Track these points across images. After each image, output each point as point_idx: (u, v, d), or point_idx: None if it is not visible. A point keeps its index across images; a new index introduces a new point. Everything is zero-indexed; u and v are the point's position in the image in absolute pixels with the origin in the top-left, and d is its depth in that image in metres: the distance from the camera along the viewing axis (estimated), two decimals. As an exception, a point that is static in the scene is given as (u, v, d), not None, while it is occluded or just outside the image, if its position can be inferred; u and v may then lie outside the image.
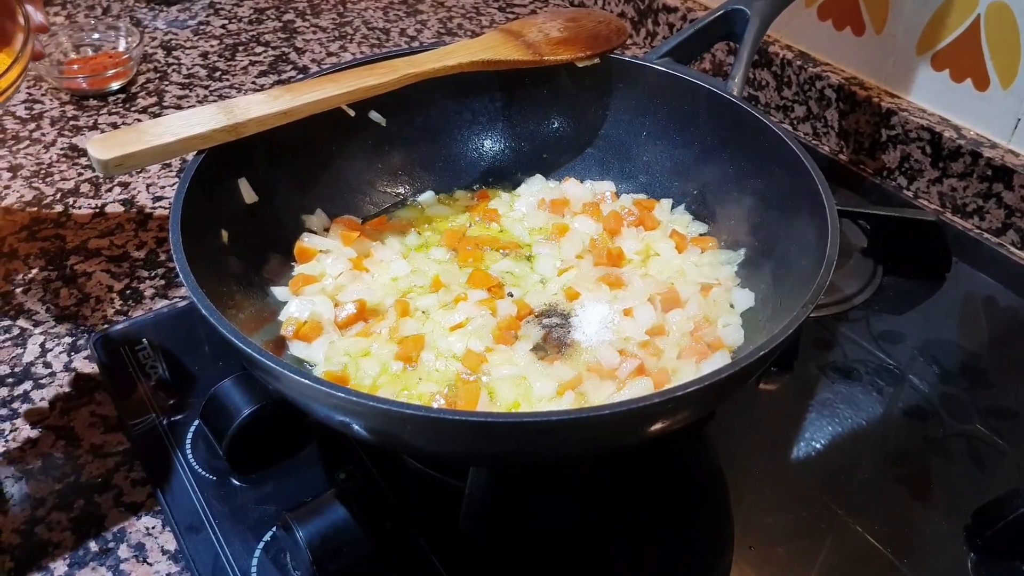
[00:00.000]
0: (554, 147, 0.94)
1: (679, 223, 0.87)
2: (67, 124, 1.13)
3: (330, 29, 1.40)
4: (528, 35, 0.88)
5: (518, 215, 0.89)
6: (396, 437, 0.58)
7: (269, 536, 0.64)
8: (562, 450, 0.58)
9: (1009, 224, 0.97)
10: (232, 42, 1.34)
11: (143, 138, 0.68)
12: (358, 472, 0.68)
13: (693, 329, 0.74)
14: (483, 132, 0.94)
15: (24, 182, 1.02)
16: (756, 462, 0.73)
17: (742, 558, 0.65)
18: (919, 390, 0.79)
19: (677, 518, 0.68)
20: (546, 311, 0.77)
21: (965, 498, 0.69)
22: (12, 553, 0.64)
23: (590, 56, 0.87)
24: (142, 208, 0.99)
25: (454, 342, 0.73)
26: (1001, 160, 0.96)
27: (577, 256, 0.83)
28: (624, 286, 0.79)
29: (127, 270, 0.90)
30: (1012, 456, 0.73)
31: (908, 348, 0.84)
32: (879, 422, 0.76)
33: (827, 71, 1.12)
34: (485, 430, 0.51)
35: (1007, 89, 0.97)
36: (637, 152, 0.91)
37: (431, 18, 1.45)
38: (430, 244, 0.85)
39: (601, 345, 0.73)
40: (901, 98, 1.07)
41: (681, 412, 0.56)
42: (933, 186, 1.04)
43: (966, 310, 0.91)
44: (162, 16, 1.41)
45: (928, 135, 1.02)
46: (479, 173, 0.94)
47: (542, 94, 0.92)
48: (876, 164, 1.09)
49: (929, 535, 0.67)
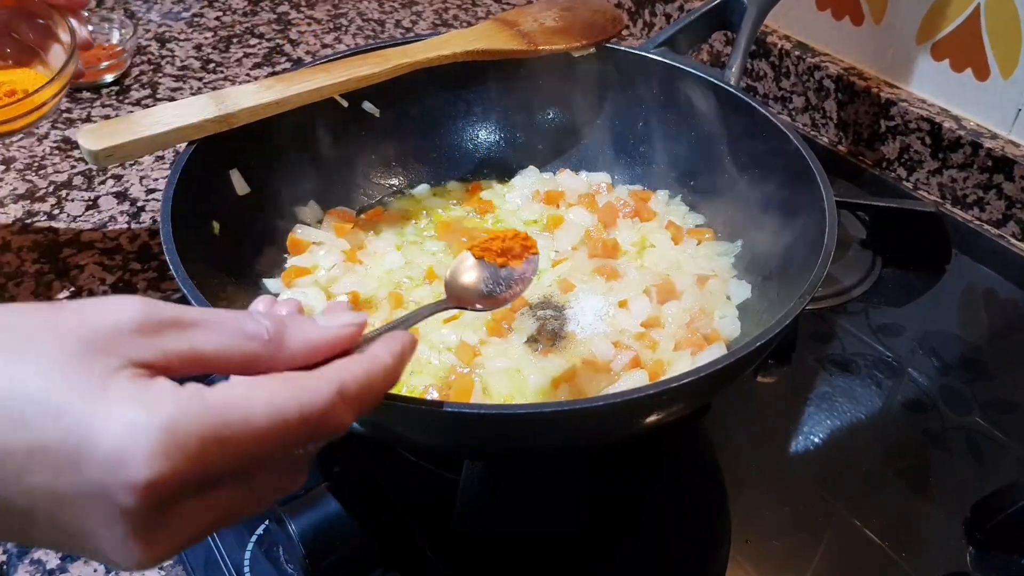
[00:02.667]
0: (549, 138, 0.93)
1: (675, 214, 0.86)
2: (60, 116, 1.12)
3: (325, 21, 1.39)
4: (523, 25, 0.87)
5: (512, 207, 0.88)
6: (389, 430, 0.57)
7: (262, 529, 0.64)
8: (556, 443, 0.58)
9: (1009, 215, 0.97)
10: (226, 34, 1.33)
11: (134, 128, 0.67)
12: (351, 465, 0.67)
13: (689, 321, 0.74)
14: (478, 123, 0.93)
15: (17, 175, 1.01)
16: (753, 455, 0.72)
17: (739, 552, 0.64)
18: (918, 383, 0.79)
19: (674, 512, 0.68)
20: (540, 303, 0.77)
21: (964, 491, 0.68)
22: (4, 546, 0.63)
23: (585, 46, 0.86)
24: (135, 200, 0.99)
25: (448, 334, 0.72)
26: (1001, 151, 0.95)
27: (572, 248, 0.82)
28: (619, 278, 0.78)
29: (120, 263, 0.90)
30: (1012, 449, 0.73)
31: (907, 340, 0.83)
32: (878, 415, 0.76)
33: (826, 61, 1.11)
34: (479, 422, 0.51)
35: (1008, 79, 0.96)
36: (633, 143, 0.91)
37: (426, 9, 1.44)
38: (424, 236, 0.85)
39: (596, 337, 0.72)
40: (900, 88, 1.06)
41: (676, 404, 0.55)
42: (933, 177, 1.03)
43: (966, 302, 0.90)
44: (156, 8, 1.40)
45: (928, 126, 1.01)
46: (473, 164, 0.93)
47: (537, 84, 0.91)
48: (875, 155, 1.08)
49: (928, 529, 0.67)
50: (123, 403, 0.33)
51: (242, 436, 0.35)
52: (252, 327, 0.39)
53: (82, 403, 0.33)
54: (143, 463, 0.33)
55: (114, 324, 0.35)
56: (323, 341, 0.41)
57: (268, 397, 0.37)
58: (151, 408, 0.34)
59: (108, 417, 0.33)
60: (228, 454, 0.35)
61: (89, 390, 0.33)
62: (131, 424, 0.33)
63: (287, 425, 0.37)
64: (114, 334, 0.35)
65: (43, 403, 0.33)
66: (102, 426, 0.33)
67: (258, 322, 0.39)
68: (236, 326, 0.39)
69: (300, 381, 0.38)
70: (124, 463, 0.32)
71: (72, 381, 0.33)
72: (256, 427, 0.36)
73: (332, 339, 0.41)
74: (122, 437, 0.33)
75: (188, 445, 0.34)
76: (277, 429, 0.36)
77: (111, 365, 0.34)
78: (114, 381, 0.34)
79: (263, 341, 0.39)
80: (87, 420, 0.33)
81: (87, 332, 0.35)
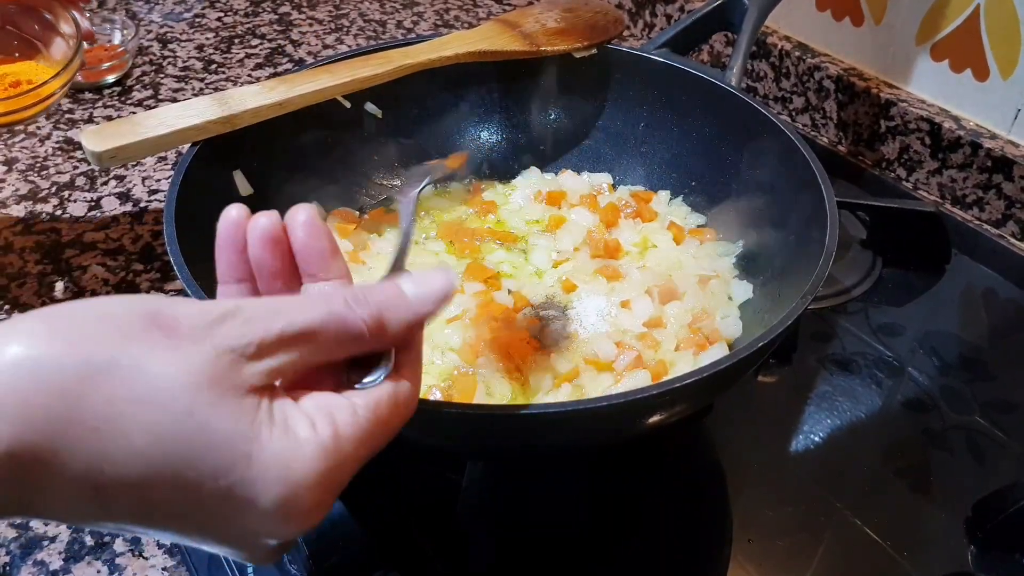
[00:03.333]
0: (551, 139, 0.93)
1: (677, 215, 0.86)
2: (62, 117, 1.12)
3: (326, 21, 1.39)
4: (525, 26, 0.87)
5: (515, 207, 0.89)
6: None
7: (265, 530, 0.64)
8: (559, 443, 0.58)
9: (1009, 215, 0.97)
10: (228, 35, 1.33)
11: (137, 130, 0.67)
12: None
13: (691, 321, 0.74)
14: (479, 124, 0.93)
15: (19, 175, 1.02)
16: (755, 455, 0.73)
17: (741, 551, 0.64)
18: (919, 382, 0.79)
19: (676, 511, 0.68)
20: (543, 303, 0.77)
21: (965, 491, 0.68)
22: (7, 547, 0.63)
23: (587, 47, 0.87)
24: (138, 201, 0.99)
25: (451, 335, 0.72)
26: (1001, 151, 0.95)
27: (574, 248, 0.82)
28: (621, 278, 0.78)
29: (123, 263, 0.90)
30: (1012, 448, 0.73)
31: (908, 340, 0.84)
32: (878, 415, 0.76)
33: (826, 62, 1.11)
34: (481, 422, 0.51)
35: (1007, 79, 0.96)
36: (634, 144, 0.91)
37: (427, 10, 1.44)
38: (427, 236, 0.85)
39: (598, 337, 0.72)
40: (900, 89, 1.07)
41: (679, 404, 0.56)
42: (932, 177, 1.03)
43: (966, 302, 0.90)
44: (157, 9, 1.40)
45: (927, 126, 1.01)
46: (475, 165, 0.93)
47: (539, 85, 0.91)
48: (875, 155, 1.09)
49: (929, 528, 0.67)
50: (275, 454, 0.34)
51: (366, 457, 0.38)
52: (354, 325, 0.38)
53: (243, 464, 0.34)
54: (300, 520, 0.36)
55: (231, 348, 0.35)
56: (418, 321, 0.41)
57: (383, 418, 0.39)
58: (300, 458, 0.35)
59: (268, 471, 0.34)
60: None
61: (244, 443, 0.34)
62: (288, 479, 0.34)
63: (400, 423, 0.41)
64: (235, 359, 0.35)
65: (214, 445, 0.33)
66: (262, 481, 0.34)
67: (356, 315, 0.38)
68: (340, 328, 0.38)
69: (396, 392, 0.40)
70: (286, 519, 0.35)
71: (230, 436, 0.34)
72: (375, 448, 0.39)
73: (425, 316, 0.41)
74: (282, 493, 0.34)
75: (336, 485, 0.37)
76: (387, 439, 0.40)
77: (250, 412, 0.35)
78: (260, 431, 0.34)
79: (365, 340, 0.39)
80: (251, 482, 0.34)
81: (218, 362, 0.34)
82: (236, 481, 0.33)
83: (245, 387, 0.34)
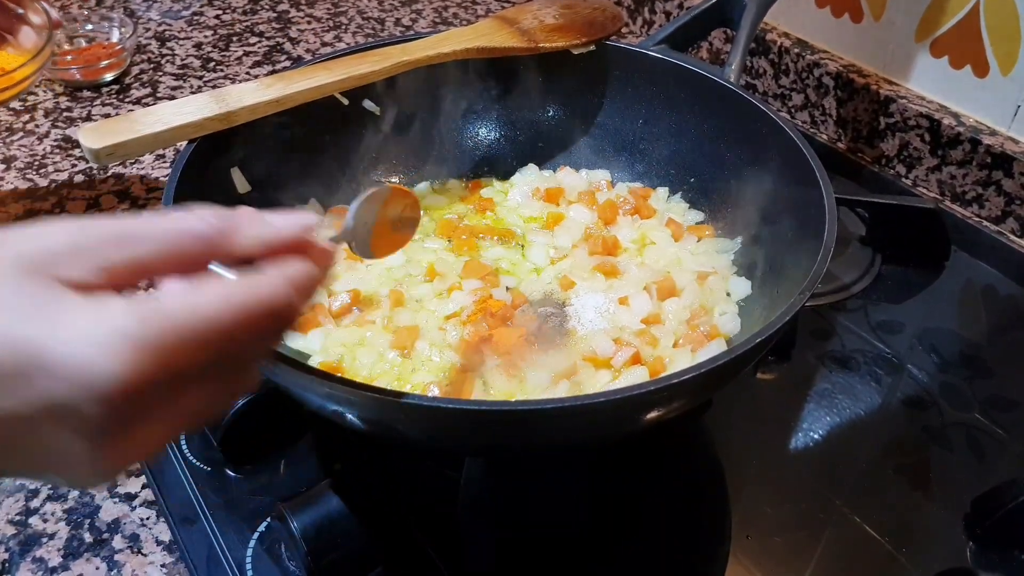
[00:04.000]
0: (549, 136, 0.93)
1: (675, 211, 0.86)
2: (61, 116, 1.12)
3: (324, 19, 1.39)
4: (523, 22, 0.87)
5: (513, 204, 0.89)
6: (390, 427, 0.57)
7: (264, 527, 0.64)
8: (557, 439, 0.58)
9: (1009, 212, 0.97)
10: (226, 32, 1.33)
11: (135, 127, 0.67)
12: (353, 463, 0.67)
13: (689, 318, 0.74)
14: (478, 121, 0.93)
15: (18, 174, 1.02)
16: (754, 452, 0.72)
17: (740, 548, 0.64)
18: (918, 379, 0.79)
19: (675, 508, 0.68)
20: (541, 300, 0.77)
21: (964, 487, 0.68)
22: (6, 544, 0.63)
23: (585, 43, 0.86)
24: (136, 198, 0.99)
25: (449, 331, 0.72)
26: (1001, 147, 0.95)
27: (572, 245, 0.82)
28: (620, 275, 0.78)
29: (121, 261, 0.90)
30: (1011, 445, 0.73)
31: (907, 337, 0.84)
32: (878, 412, 0.76)
33: (825, 58, 1.11)
34: (479, 418, 0.51)
35: (1007, 76, 0.96)
36: (633, 140, 0.91)
37: (426, 7, 1.44)
38: (425, 233, 0.85)
39: (596, 334, 0.72)
40: (900, 85, 1.06)
41: (677, 400, 0.55)
42: (932, 174, 1.03)
43: (965, 299, 0.90)
44: (156, 6, 1.40)
45: (927, 122, 1.01)
46: (474, 162, 0.93)
47: (537, 82, 0.91)
48: (874, 152, 1.09)
49: (928, 525, 0.67)
50: (76, 318, 0.33)
51: (205, 333, 0.35)
52: (194, 225, 0.38)
53: (29, 323, 0.32)
54: (108, 371, 0.32)
55: (48, 247, 0.34)
56: (276, 237, 0.40)
57: (226, 295, 0.36)
58: (107, 318, 0.33)
59: (63, 332, 0.32)
60: (191, 352, 0.35)
61: (35, 311, 0.33)
62: (89, 335, 0.32)
63: (249, 318, 0.37)
64: (50, 257, 0.34)
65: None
66: (56, 342, 0.32)
67: (201, 219, 0.38)
68: (176, 227, 0.37)
69: (253, 278, 0.38)
70: (87, 374, 0.32)
71: (14, 305, 0.33)
72: (218, 323, 0.35)
73: (285, 236, 0.40)
74: (81, 348, 0.32)
75: (153, 347, 0.33)
76: (240, 323, 0.36)
77: (53, 287, 0.34)
78: (60, 301, 0.33)
79: (206, 239, 0.38)
80: (38, 338, 0.32)
81: (22, 259, 0.34)
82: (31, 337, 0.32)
83: (57, 276, 0.34)
